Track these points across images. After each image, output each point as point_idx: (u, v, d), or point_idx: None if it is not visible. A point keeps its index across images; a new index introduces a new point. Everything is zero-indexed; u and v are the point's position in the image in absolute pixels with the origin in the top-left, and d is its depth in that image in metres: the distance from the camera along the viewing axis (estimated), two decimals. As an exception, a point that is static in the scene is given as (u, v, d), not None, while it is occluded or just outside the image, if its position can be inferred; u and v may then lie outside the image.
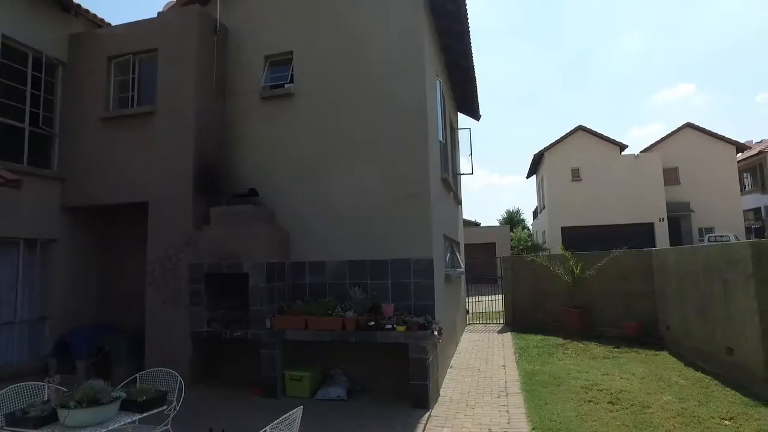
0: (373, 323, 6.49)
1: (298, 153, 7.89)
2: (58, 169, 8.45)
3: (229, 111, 8.43)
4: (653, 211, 28.07)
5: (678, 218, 29.27)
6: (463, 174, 12.90)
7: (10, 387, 4.27)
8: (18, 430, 3.64)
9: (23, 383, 4.41)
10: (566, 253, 12.04)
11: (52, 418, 3.68)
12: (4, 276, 7.58)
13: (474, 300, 15.53)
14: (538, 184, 35.80)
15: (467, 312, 13.97)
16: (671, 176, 29.92)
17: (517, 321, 12.84)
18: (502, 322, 13.50)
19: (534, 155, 31.96)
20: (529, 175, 37.89)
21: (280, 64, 8.41)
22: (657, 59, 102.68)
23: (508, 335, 11.69)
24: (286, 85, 8.14)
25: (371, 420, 5.85)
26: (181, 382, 4.70)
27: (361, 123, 7.60)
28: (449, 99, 11.55)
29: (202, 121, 7.85)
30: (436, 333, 6.65)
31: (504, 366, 8.47)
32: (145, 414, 4.11)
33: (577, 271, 11.52)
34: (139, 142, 8.04)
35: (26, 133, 8.05)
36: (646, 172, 28.54)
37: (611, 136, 29.43)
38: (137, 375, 4.93)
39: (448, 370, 8.30)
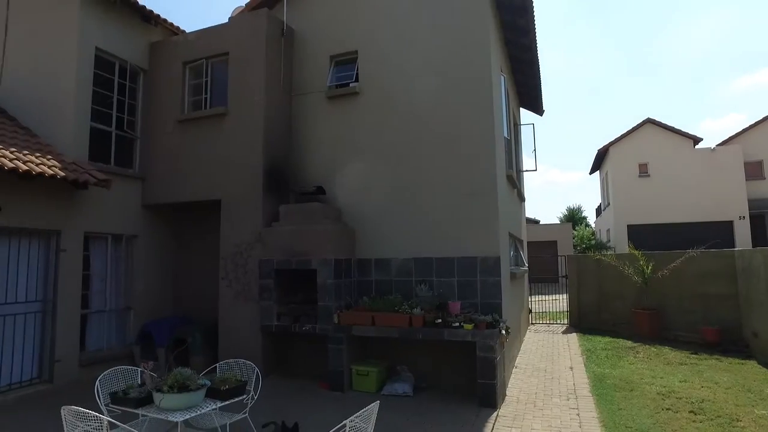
0: (440, 321, 6.50)
1: (360, 151, 8.02)
2: (139, 169, 9.04)
3: (295, 110, 8.68)
4: (732, 208, 26.19)
5: (762, 216, 27.15)
6: (526, 171, 12.62)
7: (110, 370, 4.65)
8: (121, 408, 4.01)
9: (119, 367, 4.79)
10: (636, 253, 11.52)
11: (148, 399, 3.98)
12: (96, 268, 8.24)
13: (536, 299, 15.18)
14: (602, 180, 34.35)
15: (530, 311, 13.68)
16: (754, 170, 27.74)
17: (582, 321, 12.44)
18: (566, 322, 13.11)
19: (598, 150, 30.68)
20: (592, 171, 36.43)
21: (345, 63, 8.57)
22: (734, 42, 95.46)
23: (574, 336, 11.34)
24: (351, 84, 8.28)
25: (438, 417, 5.87)
26: (258, 373, 4.91)
27: (427, 120, 7.62)
28: (512, 94, 11.33)
29: (270, 121, 8.13)
30: (503, 332, 6.56)
31: (571, 367, 8.24)
32: (227, 402, 4.34)
33: (648, 271, 10.99)
34: (211, 142, 8.44)
35: (113, 136, 8.69)
36: (724, 167, 26.64)
37: (682, 129, 27.75)
38: (216, 365, 5.18)
39: (513, 370, 8.17)
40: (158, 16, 9.31)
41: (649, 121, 28.65)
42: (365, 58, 8.22)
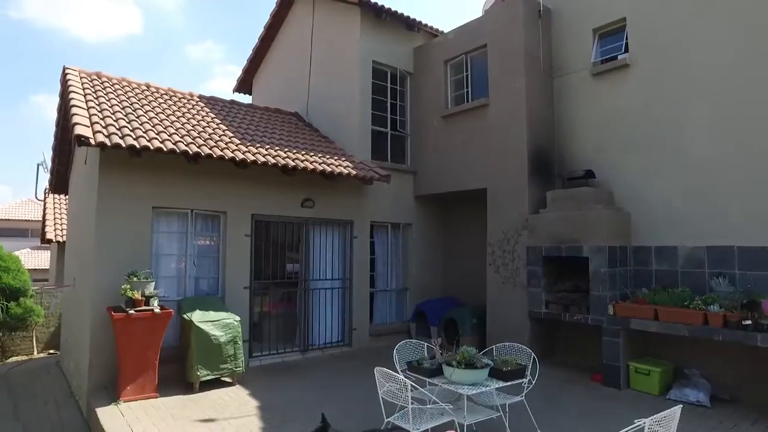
0: (749, 322, 5.41)
1: (635, 128, 7.23)
2: (411, 164, 10.05)
3: (557, 93, 8.36)
4: None
5: None
6: None
7: (403, 342, 5.33)
8: (415, 374, 4.58)
9: (411, 340, 5.45)
10: None
11: (438, 371, 4.43)
12: (379, 253, 9.57)
13: None
14: None
15: None
16: None
17: None
18: None
19: None
20: None
21: (611, 34, 7.84)
22: None
23: None
24: (619, 57, 7.54)
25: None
26: (535, 358, 4.93)
27: (715, 81, 6.42)
28: None
29: (532, 106, 8.02)
30: None
31: None
32: (507, 383, 4.50)
33: None
34: (474, 133, 8.79)
35: (388, 136, 9.89)
36: None
37: None
38: (493, 347, 5.39)
39: None
40: (420, 22, 10.12)
41: None
42: (636, 24, 7.36)
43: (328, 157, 8.47)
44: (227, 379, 6.52)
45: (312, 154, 8.33)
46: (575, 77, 8.09)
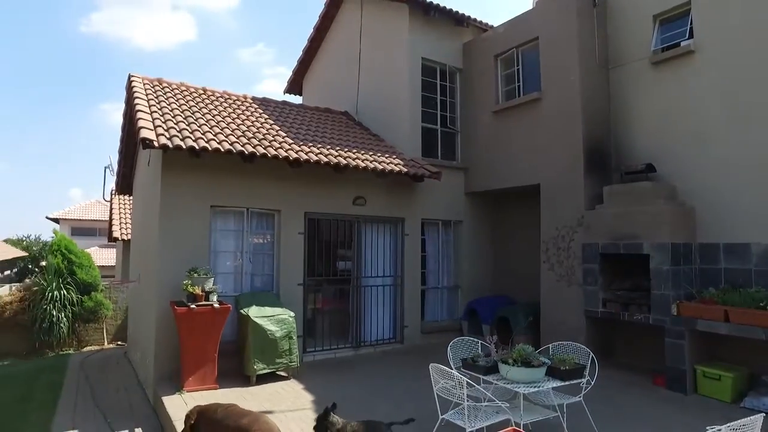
0: (834, 325, 5.03)
1: (702, 118, 6.84)
2: (461, 161, 9.95)
3: (613, 84, 8.04)
4: None
5: None
6: None
7: (457, 339, 5.29)
8: (470, 372, 4.53)
9: (464, 337, 5.39)
10: None
11: (494, 369, 4.37)
12: (430, 250, 9.53)
13: None
14: None
15: None
16: None
17: None
18: None
19: None
20: None
21: (672, 20, 7.46)
22: None
23: None
24: (682, 43, 7.16)
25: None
26: (593, 358, 4.77)
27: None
28: None
29: (587, 99, 7.76)
30: None
31: None
32: (565, 383, 4.38)
33: None
34: (527, 128, 8.60)
35: (438, 133, 9.84)
36: None
37: None
38: (549, 345, 5.25)
39: None
40: (469, 17, 9.97)
41: None
42: (702, 8, 6.95)
43: (378, 155, 8.51)
44: (282, 373, 6.69)
45: (363, 152, 8.40)
46: (633, 67, 7.75)
